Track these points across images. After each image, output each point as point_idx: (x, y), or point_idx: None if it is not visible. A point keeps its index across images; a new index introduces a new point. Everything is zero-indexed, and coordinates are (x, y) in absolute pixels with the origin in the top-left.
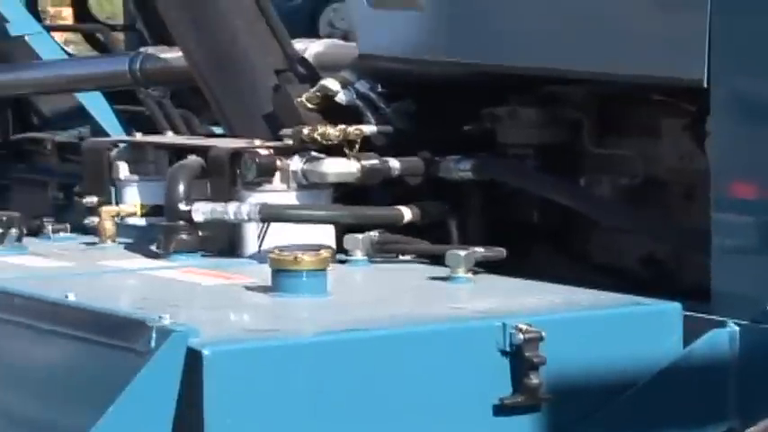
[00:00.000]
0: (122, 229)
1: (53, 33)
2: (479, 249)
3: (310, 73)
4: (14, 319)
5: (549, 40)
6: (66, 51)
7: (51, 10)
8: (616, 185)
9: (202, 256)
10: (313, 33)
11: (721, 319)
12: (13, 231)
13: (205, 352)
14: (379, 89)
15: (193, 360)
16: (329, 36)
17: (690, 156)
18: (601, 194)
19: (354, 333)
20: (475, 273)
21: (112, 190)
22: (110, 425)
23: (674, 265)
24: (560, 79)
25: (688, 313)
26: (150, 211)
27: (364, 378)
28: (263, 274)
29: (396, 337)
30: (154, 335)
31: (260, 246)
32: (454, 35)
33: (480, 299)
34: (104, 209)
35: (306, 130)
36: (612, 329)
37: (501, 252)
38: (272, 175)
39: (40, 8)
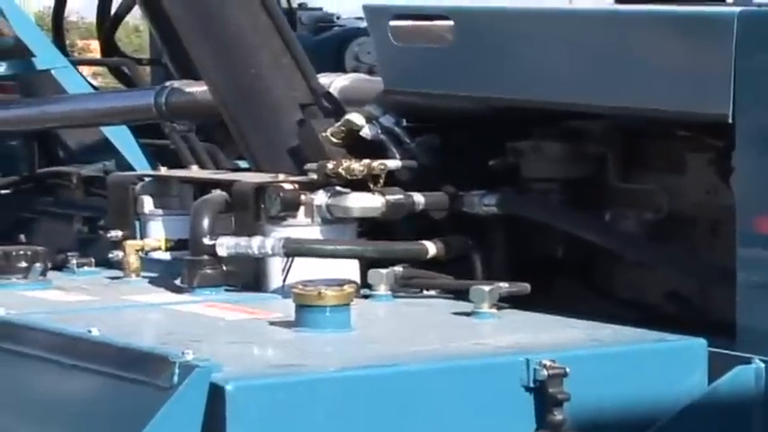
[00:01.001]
0: (147, 263)
1: (80, 67)
2: (503, 284)
3: (335, 107)
4: (38, 353)
5: (573, 76)
6: (92, 85)
7: (80, 43)
8: (641, 220)
9: (226, 290)
10: (339, 67)
11: (747, 355)
12: (38, 266)
13: (228, 387)
14: (404, 124)
15: (216, 395)
16: (355, 70)
17: (715, 190)
18: (625, 229)
19: (378, 369)
20: (499, 308)
21: (137, 224)
22: None
23: (699, 300)
24: (584, 114)
25: (713, 349)
26: (175, 245)
27: (387, 413)
28: (287, 309)
29: (419, 373)
30: (177, 370)
31: (284, 280)
32: (478, 70)
33: (504, 334)
34: (129, 243)
35: (330, 165)
36: (637, 365)
37: (525, 287)
38: (297, 209)
39: (68, 41)
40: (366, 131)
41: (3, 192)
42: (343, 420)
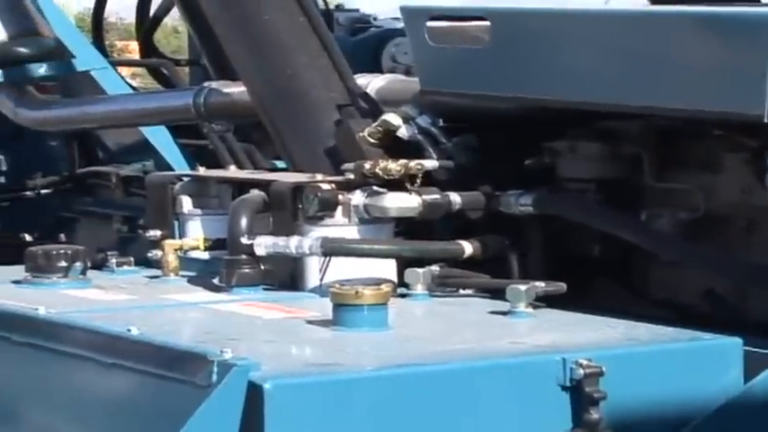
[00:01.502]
0: (185, 262)
1: (119, 67)
2: (540, 284)
3: (372, 108)
4: (77, 352)
5: (609, 76)
6: (131, 86)
7: (119, 44)
8: (676, 220)
9: (264, 289)
10: (376, 68)
11: None
12: (78, 265)
13: (266, 386)
14: (441, 124)
15: (254, 394)
16: (392, 71)
17: (750, 190)
18: (660, 229)
19: (415, 367)
20: (535, 307)
21: (176, 224)
22: None
23: (735, 299)
24: (620, 114)
25: (748, 348)
26: (213, 244)
27: (425, 412)
28: (325, 307)
29: (456, 372)
30: (215, 369)
31: (321, 280)
32: (514, 71)
33: (540, 333)
34: (167, 242)
35: (368, 165)
36: (672, 364)
37: (561, 287)
38: (334, 209)
39: (107, 42)
40: (403, 132)
41: (43, 191)
42: (381, 418)
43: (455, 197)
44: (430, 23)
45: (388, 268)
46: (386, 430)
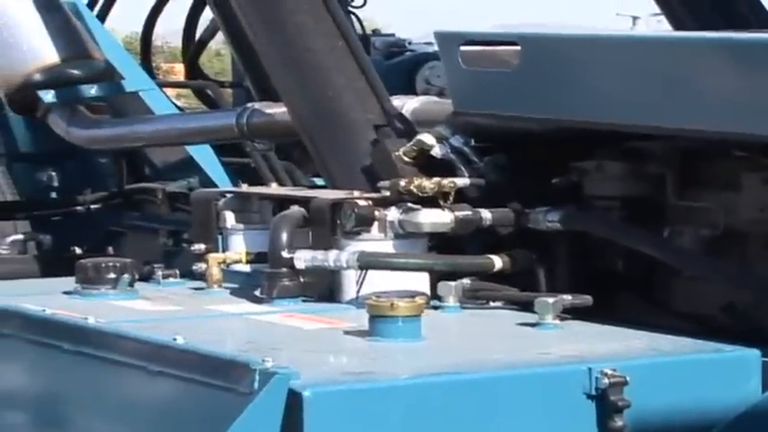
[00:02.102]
0: (228, 275)
1: (165, 89)
2: (567, 297)
3: (407, 128)
4: (125, 360)
5: (635, 99)
6: (177, 106)
7: (164, 66)
8: (697, 236)
9: (304, 301)
10: (410, 90)
11: None
12: (126, 277)
13: (306, 393)
14: (473, 143)
15: (294, 401)
16: (425, 93)
17: None
18: (682, 245)
19: (448, 376)
20: (562, 319)
21: (219, 238)
22: None
23: (755, 313)
24: (644, 135)
25: (767, 360)
26: (255, 258)
27: (456, 419)
28: (361, 319)
29: (487, 381)
30: (257, 377)
31: (358, 292)
32: (543, 93)
33: (567, 344)
34: (211, 256)
35: (402, 183)
36: (693, 374)
37: (587, 299)
38: (371, 224)
39: (153, 64)
40: (436, 151)
41: (93, 207)
42: (414, 425)
43: (486, 213)
44: (463, 48)
45: (421, 281)
46: None
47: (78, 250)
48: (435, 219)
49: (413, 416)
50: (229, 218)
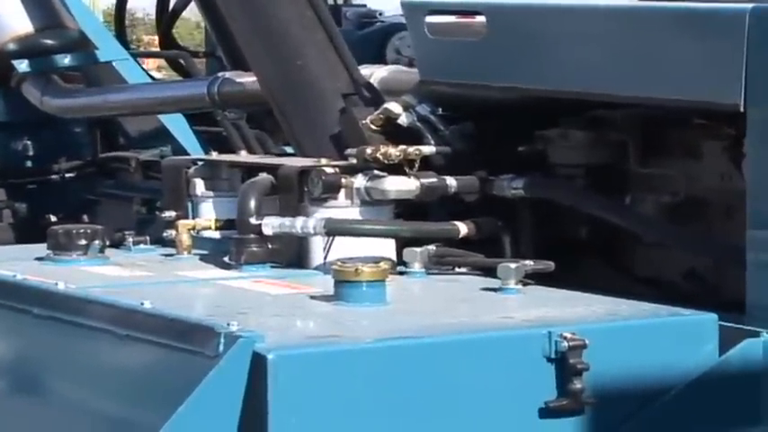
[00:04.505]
0: (198, 241)
1: (143, 59)
2: (529, 262)
3: (375, 97)
4: (94, 324)
5: (597, 68)
6: (150, 76)
7: (145, 38)
8: (659, 203)
9: (271, 267)
10: (381, 60)
11: (756, 329)
12: (96, 243)
13: (270, 356)
14: (439, 112)
15: (259, 364)
16: (396, 63)
17: (728, 176)
18: (644, 212)
19: (411, 340)
20: (525, 284)
21: (189, 205)
22: (180, 423)
23: (714, 278)
24: (607, 103)
25: (724, 323)
26: (224, 225)
27: (419, 381)
28: (328, 284)
29: (450, 344)
30: (222, 340)
31: (325, 258)
32: (508, 62)
33: (529, 309)
34: (181, 222)
35: (369, 150)
36: (652, 338)
37: (549, 265)
38: (338, 191)
39: (134, 36)
40: (403, 119)
41: (68, 175)
42: (378, 388)
43: (451, 181)
44: (429, 18)
45: (387, 248)
46: (382, 398)
47: (53, 218)
48: (401, 186)
49: (377, 379)
50: (199, 185)
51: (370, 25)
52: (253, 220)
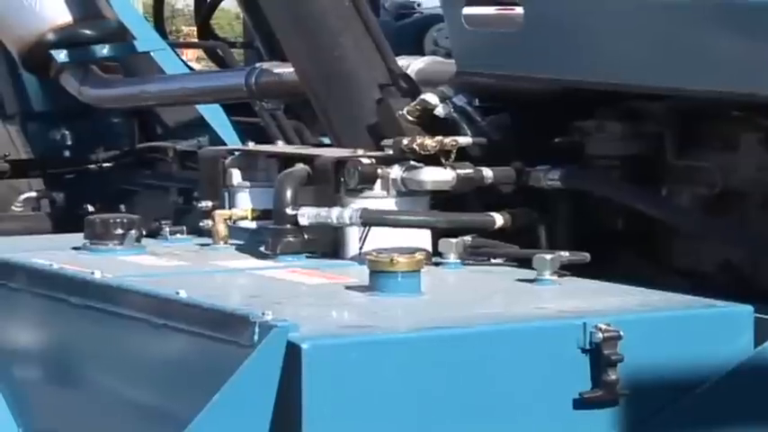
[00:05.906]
0: (234, 231)
1: (182, 50)
2: (564, 253)
3: (412, 88)
4: (130, 313)
5: (635, 59)
6: (188, 66)
7: (185, 29)
8: (695, 195)
9: (307, 257)
10: (419, 51)
11: None
12: (133, 233)
13: (304, 346)
14: (476, 103)
15: (293, 353)
16: (433, 54)
17: (765, 167)
18: (680, 204)
19: (446, 330)
20: (560, 275)
21: (226, 195)
22: (215, 412)
23: (750, 270)
24: (645, 95)
25: (759, 315)
26: (260, 215)
27: (453, 372)
28: (363, 274)
29: (484, 335)
30: (257, 329)
31: (360, 248)
32: (545, 53)
33: (564, 300)
34: (218, 213)
35: (405, 141)
36: (686, 329)
37: (585, 256)
38: (374, 182)
39: (174, 27)
40: (440, 110)
41: (105, 165)
42: (411, 378)
43: (487, 172)
44: (466, 9)
45: (423, 238)
46: (416, 389)
47: (91, 208)
48: (437, 177)
49: (411, 369)
50: (236, 175)
51: (408, 16)
52: (289, 211)
